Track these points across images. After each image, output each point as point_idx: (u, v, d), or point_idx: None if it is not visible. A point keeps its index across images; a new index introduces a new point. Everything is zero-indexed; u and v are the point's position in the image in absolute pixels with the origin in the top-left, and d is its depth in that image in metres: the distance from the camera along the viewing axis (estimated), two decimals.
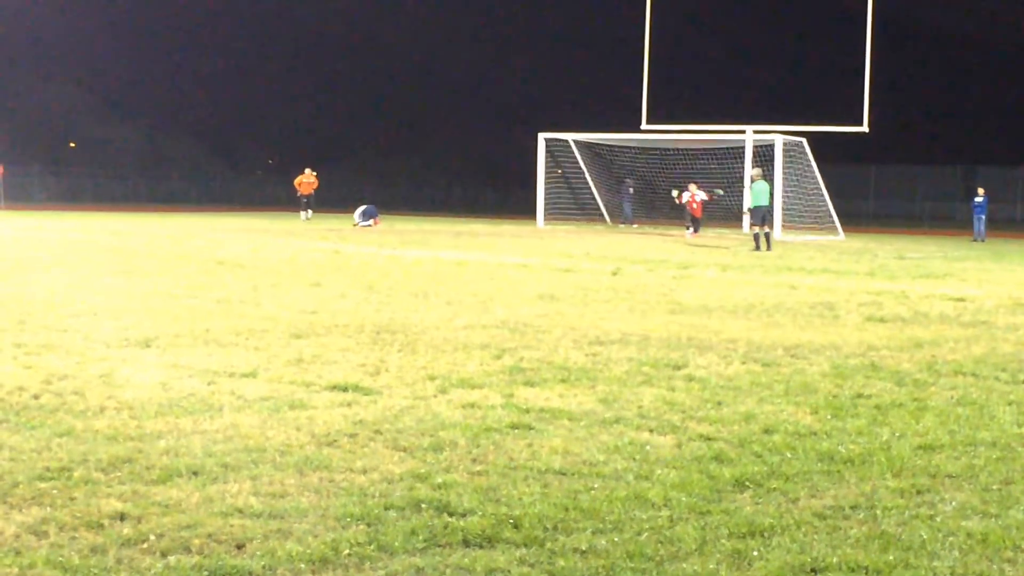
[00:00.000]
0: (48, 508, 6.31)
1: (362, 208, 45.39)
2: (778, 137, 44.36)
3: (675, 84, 52.02)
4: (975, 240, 44.41)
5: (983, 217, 45.29)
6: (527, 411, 9.00)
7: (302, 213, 52.07)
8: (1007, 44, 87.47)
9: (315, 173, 53.09)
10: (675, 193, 44.64)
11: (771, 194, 37.09)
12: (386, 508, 6.40)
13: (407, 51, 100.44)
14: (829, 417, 9.04)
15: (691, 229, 43.49)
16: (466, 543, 5.91)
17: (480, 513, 6.35)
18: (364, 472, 7.15)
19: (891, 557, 5.81)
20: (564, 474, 7.24)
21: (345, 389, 9.70)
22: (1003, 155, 74.17)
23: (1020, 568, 5.75)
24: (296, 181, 53.30)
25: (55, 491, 6.60)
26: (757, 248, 33.59)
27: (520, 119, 74.40)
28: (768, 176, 38.93)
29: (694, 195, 43.42)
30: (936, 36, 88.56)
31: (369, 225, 43.51)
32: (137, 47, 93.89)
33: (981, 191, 46.02)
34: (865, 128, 43.30)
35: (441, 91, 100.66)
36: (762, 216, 34.85)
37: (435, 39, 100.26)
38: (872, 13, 42.90)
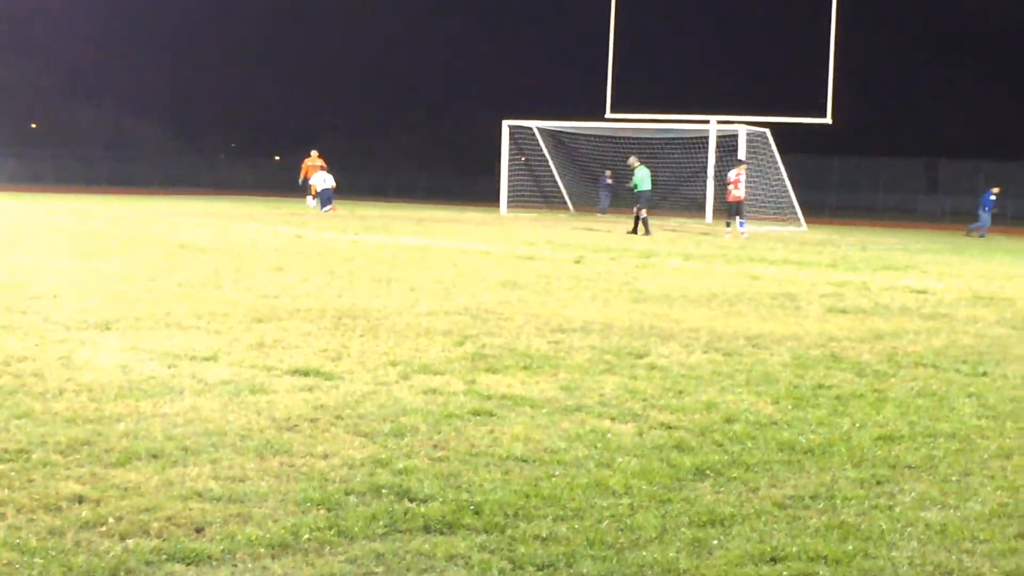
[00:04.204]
0: (6, 490, 6.26)
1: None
2: (742, 128, 44.48)
3: (640, 73, 52.02)
4: (975, 233, 42.94)
5: (988, 212, 43.54)
6: (489, 398, 8.99)
7: (309, 199, 46.99)
8: (971, 37, 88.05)
9: (321, 156, 47.45)
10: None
11: (652, 179, 36.76)
12: (347, 493, 6.39)
13: (372, 37, 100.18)
14: (790, 407, 9.07)
15: (740, 223, 35.47)
16: (427, 529, 5.90)
17: (441, 499, 6.34)
18: (325, 457, 7.13)
19: (850, 547, 5.84)
20: (525, 461, 7.24)
21: (306, 374, 9.67)
22: (965, 148, 74.54)
23: (978, 559, 5.79)
24: (303, 165, 47.88)
25: (13, 473, 6.55)
26: (635, 232, 34.54)
27: (485, 106, 74.35)
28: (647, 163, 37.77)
29: (735, 176, 36.15)
30: (900, 28, 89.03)
31: (329, 210, 43.36)
32: (101, 28, 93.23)
33: (996, 190, 44.09)
34: (828, 119, 43.48)
35: (406, 77, 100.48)
36: (647, 200, 35.71)
37: (400, 24, 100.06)
38: (836, 4, 43.04)
